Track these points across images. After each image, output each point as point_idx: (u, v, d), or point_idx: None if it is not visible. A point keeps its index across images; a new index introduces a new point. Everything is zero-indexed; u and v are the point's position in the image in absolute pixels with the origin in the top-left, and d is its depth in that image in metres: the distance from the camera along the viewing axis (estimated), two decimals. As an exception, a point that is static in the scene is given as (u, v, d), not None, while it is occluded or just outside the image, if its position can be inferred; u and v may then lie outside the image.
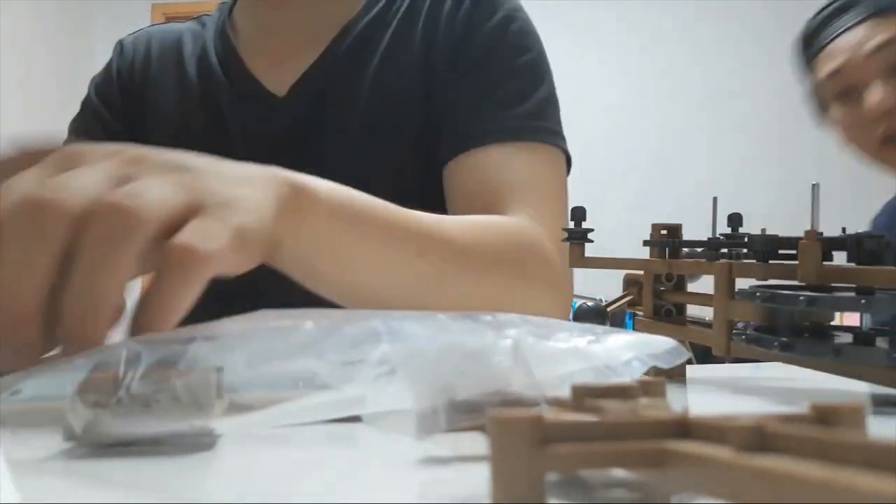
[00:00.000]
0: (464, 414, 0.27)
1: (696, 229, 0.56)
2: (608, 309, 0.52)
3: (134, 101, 0.87)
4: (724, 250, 0.48)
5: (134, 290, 0.36)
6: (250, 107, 0.81)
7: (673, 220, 0.54)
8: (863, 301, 0.39)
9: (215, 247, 0.35)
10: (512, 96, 0.73)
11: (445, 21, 0.77)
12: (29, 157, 0.37)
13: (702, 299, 0.51)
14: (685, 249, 0.52)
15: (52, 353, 0.35)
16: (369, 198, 0.51)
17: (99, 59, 4.09)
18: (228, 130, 0.81)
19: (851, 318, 0.44)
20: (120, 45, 0.91)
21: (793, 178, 3.25)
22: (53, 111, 3.50)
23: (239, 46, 0.85)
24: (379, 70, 0.78)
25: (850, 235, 0.41)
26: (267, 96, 0.81)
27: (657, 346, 0.34)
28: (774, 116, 3.40)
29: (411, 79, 0.77)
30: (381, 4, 0.82)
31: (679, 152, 3.43)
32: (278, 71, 0.81)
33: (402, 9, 0.81)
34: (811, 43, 1.12)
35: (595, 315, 0.51)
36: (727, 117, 3.43)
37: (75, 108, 0.91)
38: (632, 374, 0.31)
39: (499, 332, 0.32)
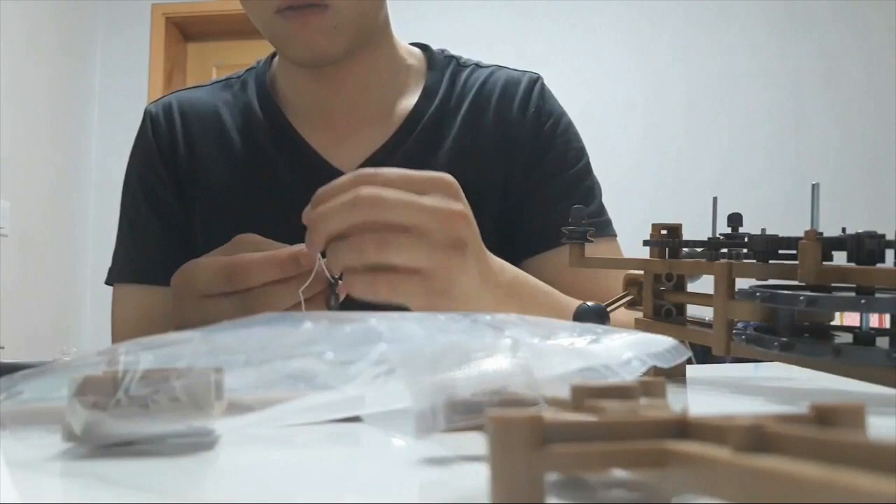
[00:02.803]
0: (463, 414, 0.27)
1: (696, 229, 0.56)
2: (608, 309, 0.52)
3: (179, 174, 0.85)
4: (724, 250, 0.48)
5: None
6: (316, 182, 0.80)
7: (673, 220, 0.54)
8: (862, 301, 0.39)
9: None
10: (580, 201, 0.84)
11: (516, 121, 0.85)
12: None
13: (702, 299, 0.51)
14: (685, 249, 0.52)
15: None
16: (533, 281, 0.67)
17: (99, 59, 4.04)
18: (292, 204, 0.80)
19: (852, 318, 0.44)
20: (149, 117, 0.88)
21: (793, 177, 3.25)
22: (53, 111, 3.49)
23: (290, 117, 0.84)
24: (452, 157, 0.82)
25: (850, 235, 0.41)
26: (333, 172, 0.80)
27: (657, 345, 0.34)
28: (775, 116, 3.40)
29: (485, 169, 0.83)
30: (443, 90, 0.85)
31: (679, 152, 3.43)
32: (341, 147, 0.82)
33: (469, 99, 0.85)
34: None
35: (595, 315, 0.51)
36: (727, 117, 3.42)
37: (75, 109, 0.91)
38: (631, 374, 0.31)
39: (498, 332, 0.32)
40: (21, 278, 3.24)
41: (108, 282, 0.88)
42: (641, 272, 0.54)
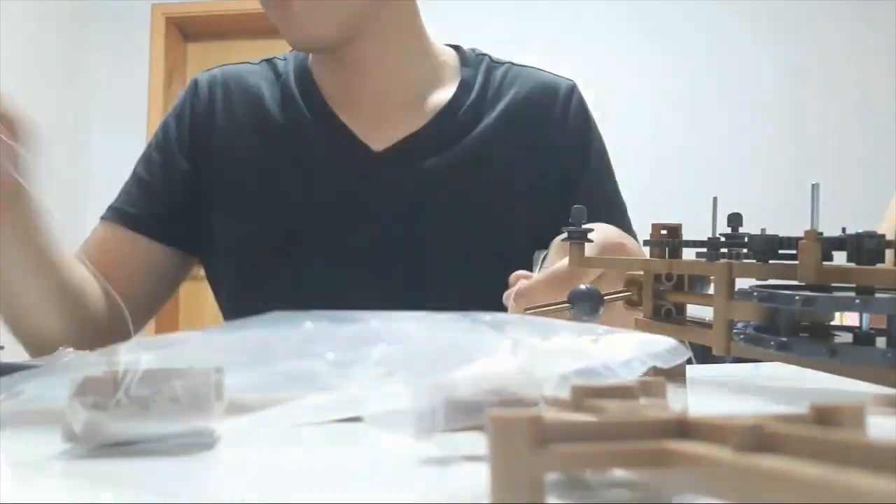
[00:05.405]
0: (463, 414, 0.27)
1: (696, 229, 0.56)
2: (605, 298, 0.52)
3: (204, 141, 0.88)
4: (724, 250, 0.48)
5: None
6: (347, 158, 0.85)
7: (673, 220, 0.54)
8: (857, 300, 0.38)
9: None
10: (612, 195, 0.94)
11: (557, 124, 0.89)
12: None
13: (702, 299, 0.51)
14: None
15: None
16: None
17: (98, 59, 4.03)
18: (322, 179, 0.85)
19: (854, 318, 0.44)
20: (195, 84, 0.92)
21: (793, 177, 3.25)
22: (52, 111, 3.49)
23: (325, 97, 0.88)
24: (483, 143, 0.86)
25: (850, 235, 0.41)
26: (364, 149, 0.85)
27: (657, 345, 0.34)
28: (775, 116, 3.40)
29: (517, 165, 0.86)
30: (479, 84, 0.89)
31: (678, 151, 3.43)
32: (372, 129, 0.86)
33: (508, 96, 0.89)
34: None
35: (590, 298, 0.51)
36: (727, 117, 3.42)
37: (74, 108, 0.92)
38: (632, 374, 0.31)
39: (499, 332, 0.32)
40: (21, 278, 3.23)
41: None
42: (641, 272, 0.54)
